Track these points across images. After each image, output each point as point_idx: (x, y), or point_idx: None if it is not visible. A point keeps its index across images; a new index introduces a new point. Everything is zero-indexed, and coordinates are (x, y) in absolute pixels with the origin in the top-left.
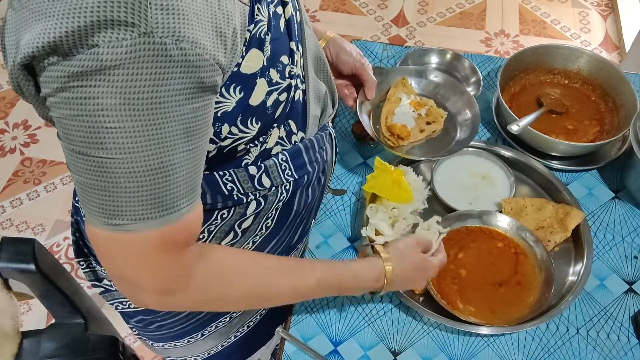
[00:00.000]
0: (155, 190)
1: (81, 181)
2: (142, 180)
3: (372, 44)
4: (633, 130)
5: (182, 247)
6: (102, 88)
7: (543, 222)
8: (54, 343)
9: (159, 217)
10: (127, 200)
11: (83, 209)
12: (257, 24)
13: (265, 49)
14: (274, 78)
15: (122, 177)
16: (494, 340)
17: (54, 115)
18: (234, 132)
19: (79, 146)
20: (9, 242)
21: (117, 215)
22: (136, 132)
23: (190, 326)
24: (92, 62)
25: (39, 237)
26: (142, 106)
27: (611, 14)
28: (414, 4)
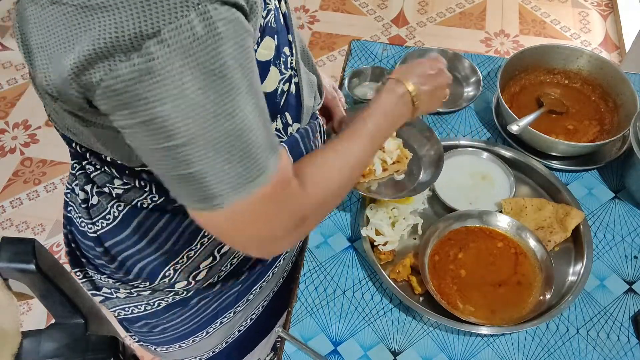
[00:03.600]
0: (245, 152)
1: (166, 176)
2: (229, 151)
3: (372, 44)
4: (633, 130)
5: (290, 180)
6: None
7: (543, 222)
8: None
9: (262, 174)
10: (224, 175)
11: (184, 202)
12: (268, 12)
13: (275, 38)
14: (281, 67)
15: (204, 160)
16: (494, 340)
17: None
18: None
19: (150, 145)
20: (9, 242)
21: (215, 197)
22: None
23: (196, 324)
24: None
25: (39, 237)
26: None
27: (611, 14)
28: (414, 4)
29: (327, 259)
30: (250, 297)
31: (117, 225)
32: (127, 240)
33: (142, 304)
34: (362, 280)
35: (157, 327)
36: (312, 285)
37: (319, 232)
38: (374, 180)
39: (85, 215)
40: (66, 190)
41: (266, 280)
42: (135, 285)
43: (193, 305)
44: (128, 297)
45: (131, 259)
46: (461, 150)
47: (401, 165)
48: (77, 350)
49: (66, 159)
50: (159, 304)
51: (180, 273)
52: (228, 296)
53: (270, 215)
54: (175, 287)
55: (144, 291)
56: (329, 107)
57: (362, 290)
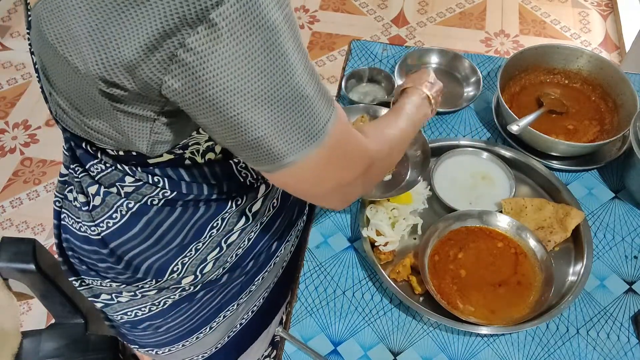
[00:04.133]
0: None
1: (249, 142)
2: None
3: (372, 44)
4: (633, 130)
5: (350, 127)
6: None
7: (543, 222)
8: (54, 343)
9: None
10: (292, 133)
11: (256, 166)
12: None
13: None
14: None
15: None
16: (494, 340)
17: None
18: None
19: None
20: (9, 242)
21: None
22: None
23: (200, 320)
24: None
25: (39, 237)
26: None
27: (611, 14)
28: (414, 4)
29: (327, 259)
30: (253, 288)
31: (123, 225)
32: (134, 239)
33: (147, 305)
34: (362, 280)
35: (161, 327)
36: (312, 285)
37: (319, 232)
38: None
39: (86, 218)
40: (56, 198)
41: (268, 270)
42: (141, 285)
43: (198, 299)
44: (131, 300)
45: (138, 257)
46: (461, 150)
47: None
48: (77, 350)
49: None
50: (165, 302)
51: (187, 267)
52: (232, 287)
53: (339, 162)
54: (182, 282)
55: (149, 291)
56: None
57: (362, 290)
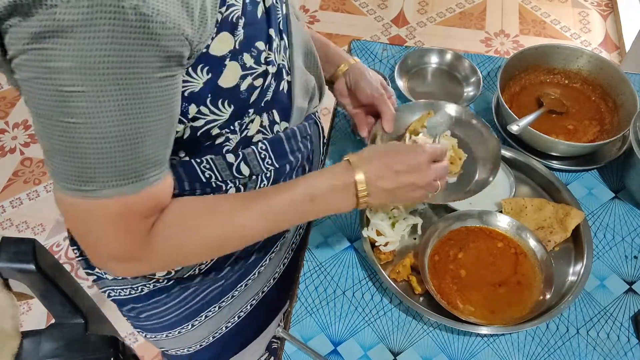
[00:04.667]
0: (119, 158)
1: (47, 146)
2: (105, 147)
3: (372, 44)
4: (633, 130)
5: (146, 216)
6: (60, 51)
7: (543, 222)
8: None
9: (122, 186)
10: (91, 166)
11: (50, 175)
12: (229, 7)
13: (237, 32)
14: (248, 62)
15: (85, 142)
16: (494, 340)
17: (18, 79)
18: (204, 113)
19: (43, 110)
20: (9, 242)
21: (82, 181)
22: (97, 97)
23: (180, 316)
24: (49, 22)
25: (39, 237)
26: (102, 70)
27: (611, 14)
28: (414, 4)
29: (327, 259)
30: (236, 294)
31: None
32: None
33: (127, 288)
34: (362, 280)
35: (142, 312)
36: (312, 285)
37: (319, 232)
38: None
39: None
40: None
41: (252, 278)
42: None
43: (176, 295)
44: (115, 279)
45: None
46: None
47: (454, 167)
48: (77, 350)
49: None
50: (141, 289)
51: None
52: (211, 290)
53: (80, 233)
54: (156, 274)
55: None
56: (376, 105)
57: (362, 290)
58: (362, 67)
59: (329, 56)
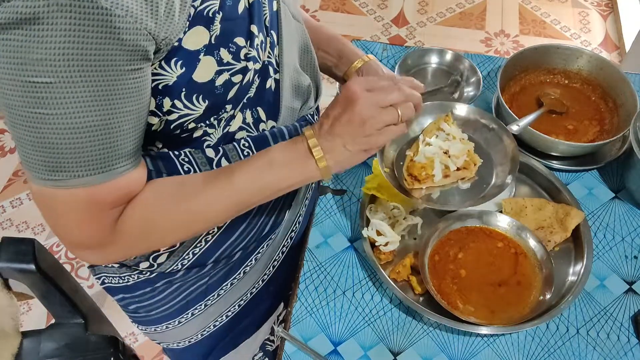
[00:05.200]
0: (88, 148)
1: (17, 136)
2: (74, 138)
3: (372, 44)
4: (633, 130)
5: (115, 205)
6: (24, 42)
7: (543, 222)
8: (54, 343)
9: (91, 176)
10: (60, 156)
11: (22, 165)
12: (204, 1)
13: (213, 27)
14: (225, 58)
15: (54, 133)
16: (494, 340)
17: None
18: (179, 107)
19: (12, 100)
20: (9, 242)
21: (52, 171)
22: (64, 88)
23: (166, 312)
24: (9, 15)
25: (39, 237)
26: (66, 62)
27: (611, 14)
28: (414, 4)
29: (327, 259)
30: (222, 293)
31: None
32: None
33: (115, 277)
34: (362, 280)
35: (131, 304)
36: (312, 285)
37: (319, 232)
38: (434, 187)
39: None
40: None
41: (237, 277)
42: None
43: (161, 290)
44: (105, 267)
45: None
46: None
47: (467, 173)
48: (77, 350)
49: None
50: (127, 279)
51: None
52: (196, 287)
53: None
54: (139, 266)
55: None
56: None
57: (362, 290)
58: (376, 65)
59: (343, 53)
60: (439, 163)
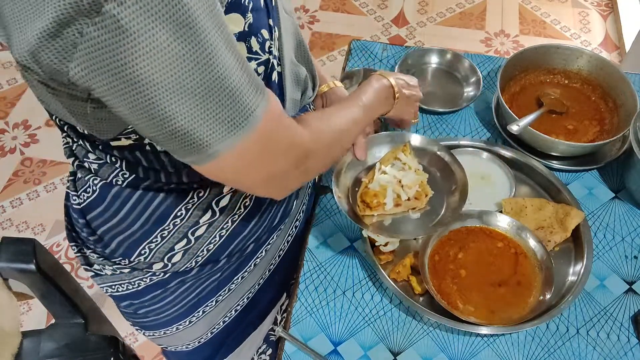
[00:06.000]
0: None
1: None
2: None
3: (372, 44)
4: (633, 130)
5: (283, 115)
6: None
7: (543, 222)
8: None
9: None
10: (214, 123)
11: (180, 158)
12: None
13: (247, 15)
14: (254, 47)
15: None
16: (494, 340)
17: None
18: None
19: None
20: (9, 242)
21: (209, 146)
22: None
23: (178, 312)
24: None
25: (39, 237)
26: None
27: (611, 14)
28: (414, 4)
29: (327, 259)
30: (232, 287)
31: (95, 199)
32: (103, 214)
33: (125, 283)
34: (362, 280)
35: (140, 309)
36: (312, 285)
37: (319, 232)
38: (386, 215)
39: (72, 187)
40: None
41: (248, 270)
42: (117, 262)
43: (172, 290)
44: (113, 274)
45: (108, 233)
46: (461, 150)
47: (418, 203)
48: (77, 350)
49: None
50: (138, 284)
51: (155, 253)
52: (208, 284)
53: (270, 151)
54: (152, 267)
55: (124, 269)
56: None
57: (362, 290)
58: (341, 93)
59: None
60: (392, 192)
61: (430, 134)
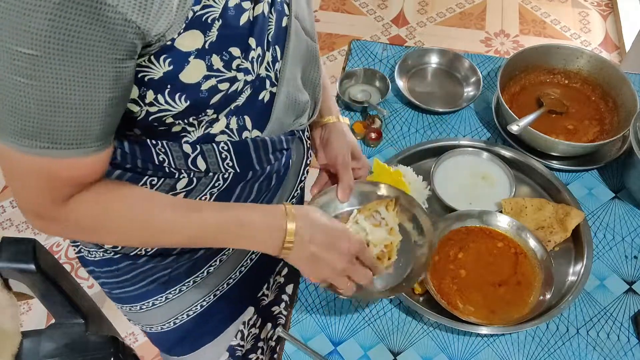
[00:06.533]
0: (60, 123)
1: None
2: (49, 111)
3: (372, 44)
4: (633, 130)
5: (70, 183)
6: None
7: (543, 222)
8: (54, 343)
9: (56, 149)
10: (31, 124)
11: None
12: (205, 7)
13: (209, 33)
14: (216, 65)
15: (29, 102)
16: (494, 340)
17: None
18: (160, 102)
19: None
20: (9, 242)
21: (19, 136)
22: (44, 62)
23: (130, 294)
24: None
25: (39, 237)
26: (49, 38)
27: (611, 14)
28: (414, 4)
29: None
30: (184, 289)
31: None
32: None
33: (86, 249)
34: None
35: (99, 278)
36: (312, 285)
37: None
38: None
39: None
40: None
41: (200, 276)
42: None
43: (124, 272)
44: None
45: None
46: (461, 150)
47: (387, 262)
48: (77, 350)
49: None
50: (94, 254)
51: None
52: (158, 277)
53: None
54: (104, 245)
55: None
56: (337, 170)
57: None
58: (341, 129)
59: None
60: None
61: (430, 134)
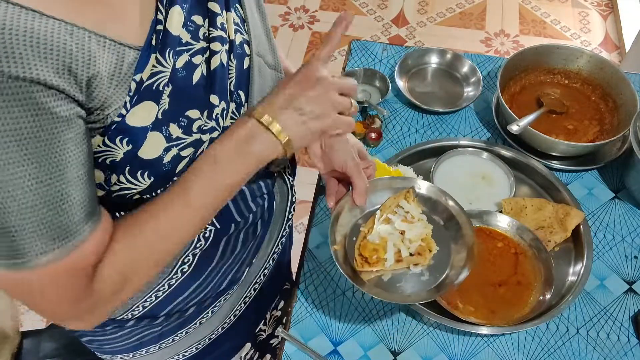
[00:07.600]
0: (44, 223)
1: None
2: (28, 217)
3: (372, 44)
4: (633, 130)
5: (88, 268)
6: None
7: (543, 222)
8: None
9: (54, 250)
10: (18, 238)
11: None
12: (154, 75)
13: (161, 102)
14: (175, 133)
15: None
16: (494, 340)
17: None
18: (122, 181)
19: None
20: None
21: (14, 256)
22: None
23: (118, 348)
24: None
25: None
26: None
27: (611, 14)
28: (414, 4)
29: (327, 259)
30: (177, 339)
31: None
32: None
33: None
34: None
35: (83, 336)
36: (312, 286)
37: (319, 232)
38: (385, 270)
39: None
40: None
41: (193, 327)
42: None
43: (111, 332)
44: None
45: None
46: (461, 150)
47: (421, 260)
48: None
49: None
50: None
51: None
52: (149, 333)
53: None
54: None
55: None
56: (349, 175)
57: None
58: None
59: None
60: (393, 246)
61: (430, 134)
